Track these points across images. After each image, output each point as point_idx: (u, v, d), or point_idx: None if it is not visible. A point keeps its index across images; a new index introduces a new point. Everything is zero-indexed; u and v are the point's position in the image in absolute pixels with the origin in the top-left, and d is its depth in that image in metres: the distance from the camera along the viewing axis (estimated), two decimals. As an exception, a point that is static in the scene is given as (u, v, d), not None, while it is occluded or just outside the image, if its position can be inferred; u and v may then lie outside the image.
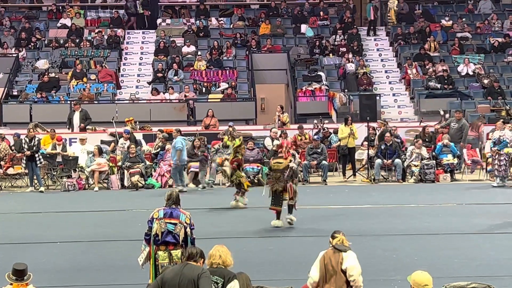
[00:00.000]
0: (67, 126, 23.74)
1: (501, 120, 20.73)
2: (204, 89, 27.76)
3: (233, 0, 32.79)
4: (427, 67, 28.23)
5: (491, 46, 29.49)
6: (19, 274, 7.26)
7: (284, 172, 14.20)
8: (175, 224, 8.76)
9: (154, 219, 8.80)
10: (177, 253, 8.76)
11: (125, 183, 20.12)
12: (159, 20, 31.46)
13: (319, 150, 20.81)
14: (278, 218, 14.37)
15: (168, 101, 26.67)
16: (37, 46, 29.91)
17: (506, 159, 19.21)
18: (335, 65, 29.02)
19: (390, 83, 28.76)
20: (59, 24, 30.92)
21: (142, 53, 30.42)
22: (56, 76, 27.85)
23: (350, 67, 28.19)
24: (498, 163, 19.19)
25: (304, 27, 30.71)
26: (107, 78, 27.95)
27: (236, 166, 16.60)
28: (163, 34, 30.25)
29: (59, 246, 13.18)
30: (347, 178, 21.05)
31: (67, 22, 30.84)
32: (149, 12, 31.94)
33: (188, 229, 8.79)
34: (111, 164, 20.37)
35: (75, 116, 23.55)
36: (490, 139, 20.63)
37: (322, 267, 7.90)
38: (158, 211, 8.87)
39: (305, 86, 27.51)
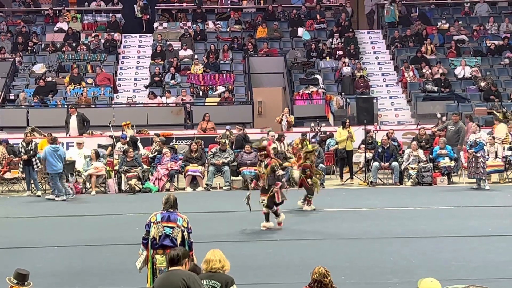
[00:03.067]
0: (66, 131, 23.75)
1: (475, 123, 20.81)
2: (201, 92, 27.76)
3: (230, 4, 32.82)
4: (424, 70, 28.27)
5: (488, 48, 29.53)
6: (21, 278, 7.29)
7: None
8: (172, 227, 8.77)
9: (152, 223, 8.82)
10: (174, 256, 8.76)
11: (123, 187, 20.13)
12: (156, 24, 31.47)
13: (316, 153, 20.79)
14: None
15: (165, 105, 26.66)
16: (34, 50, 29.89)
17: (483, 161, 19.30)
18: (332, 68, 29.05)
19: (387, 86, 28.79)
20: (55, 28, 30.92)
21: (139, 57, 30.41)
22: (53, 80, 27.84)
23: (347, 70, 28.21)
24: (476, 166, 19.26)
25: (301, 31, 30.73)
26: (105, 82, 27.96)
27: (310, 173, 16.48)
28: (160, 38, 30.25)
29: (56, 250, 13.17)
30: (345, 181, 21.06)
31: (64, 26, 30.83)
32: (148, 17, 31.93)
33: (185, 233, 8.80)
34: (108, 168, 20.36)
35: (71, 119, 23.54)
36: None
37: None
38: (155, 215, 8.88)
39: (302, 89, 27.52)
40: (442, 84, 27.33)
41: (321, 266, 7.44)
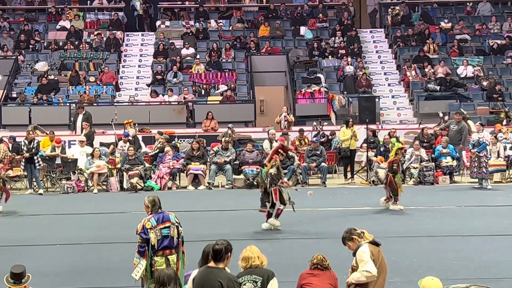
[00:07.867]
0: (72, 129, 23.76)
1: (479, 122, 20.81)
2: (203, 91, 27.77)
3: (232, 3, 32.82)
4: (426, 69, 28.25)
5: (490, 48, 29.51)
6: (17, 277, 7.26)
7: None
8: (168, 227, 8.70)
9: (149, 230, 8.63)
10: (173, 258, 8.71)
11: (124, 185, 20.12)
12: (158, 22, 31.47)
13: (318, 152, 20.82)
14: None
15: (167, 103, 26.67)
16: (36, 48, 29.91)
17: (485, 160, 19.30)
18: (334, 67, 29.03)
19: (389, 85, 28.77)
20: (58, 27, 30.93)
21: (141, 55, 30.41)
22: (55, 78, 27.86)
23: (349, 69, 28.20)
24: (478, 165, 19.25)
25: (303, 29, 30.71)
26: (110, 80, 27.99)
27: (397, 168, 16.49)
28: (162, 36, 30.25)
29: (58, 248, 13.18)
30: (347, 180, 21.05)
31: (66, 24, 30.85)
32: (148, 14, 31.94)
33: (180, 228, 8.79)
34: (110, 166, 20.37)
35: (78, 119, 23.56)
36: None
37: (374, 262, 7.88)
38: (148, 220, 8.68)
39: (304, 88, 27.51)
40: (448, 84, 27.29)
41: (319, 254, 7.60)
